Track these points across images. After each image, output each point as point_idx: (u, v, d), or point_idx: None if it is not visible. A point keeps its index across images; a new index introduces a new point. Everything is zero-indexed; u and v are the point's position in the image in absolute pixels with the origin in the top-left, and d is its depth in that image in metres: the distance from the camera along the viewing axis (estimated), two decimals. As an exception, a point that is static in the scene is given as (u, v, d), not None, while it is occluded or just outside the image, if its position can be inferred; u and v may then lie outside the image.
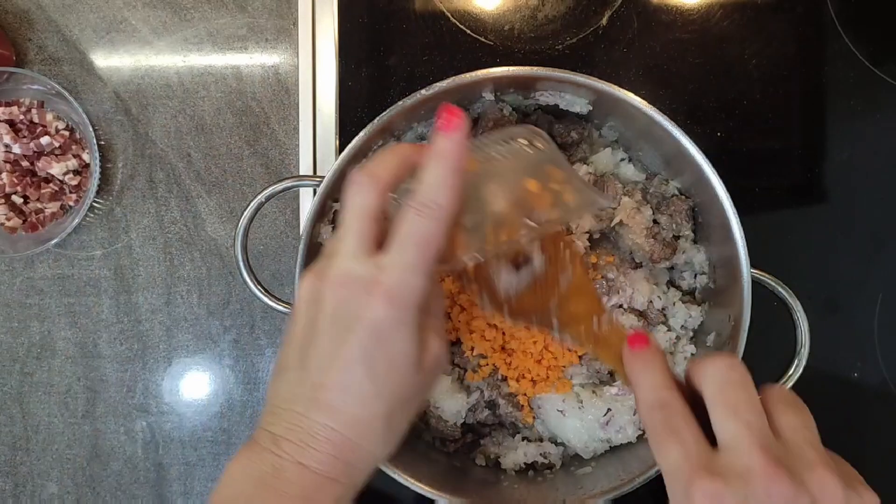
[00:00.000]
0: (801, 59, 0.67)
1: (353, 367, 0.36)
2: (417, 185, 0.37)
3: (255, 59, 0.67)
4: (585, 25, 0.67)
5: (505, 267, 0.45)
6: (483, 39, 0.66)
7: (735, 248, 0.51)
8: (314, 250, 0.54)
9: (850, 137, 0.66)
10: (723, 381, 0.34)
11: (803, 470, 0.31)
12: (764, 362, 0.52)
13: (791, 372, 0.53)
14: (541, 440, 0.59)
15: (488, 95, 0.56)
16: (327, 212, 0.54)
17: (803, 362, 0.53)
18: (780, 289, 0.53)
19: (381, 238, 0.38)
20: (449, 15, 0.67)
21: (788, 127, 0.67)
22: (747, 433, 0.31)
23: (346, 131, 0.65)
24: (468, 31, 0.66)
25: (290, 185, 0.53)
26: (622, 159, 0.60)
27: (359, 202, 0.38)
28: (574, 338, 0.44)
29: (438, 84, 0.51)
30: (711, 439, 0.33)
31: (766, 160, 0.66)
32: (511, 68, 0.52)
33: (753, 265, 0.51)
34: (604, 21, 0.66)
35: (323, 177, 0.52)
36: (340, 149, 0.65)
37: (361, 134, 0.52)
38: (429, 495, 0.52)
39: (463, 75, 0.51)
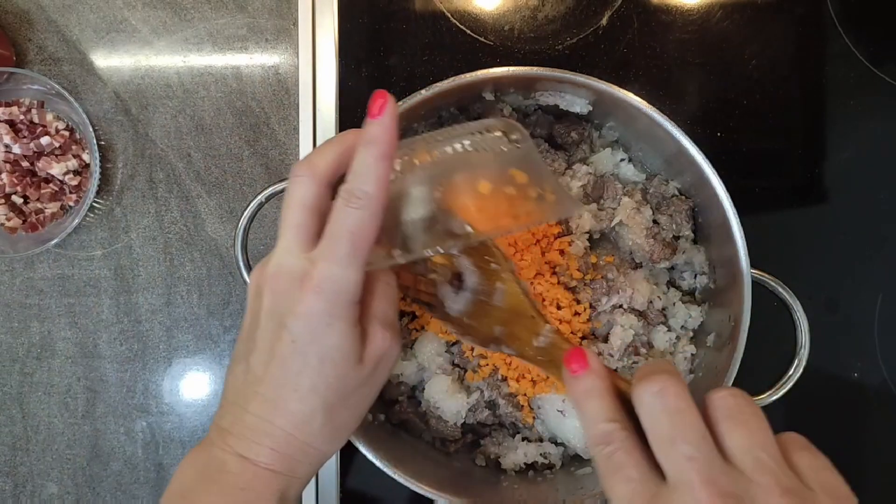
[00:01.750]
0: (802, 59, 0.67)
1: (286, 361, 0.37)
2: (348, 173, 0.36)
3: (255, 59, 0.67)
4: (585, 26, 0.67)
5: (448, 289, 0.44)
6: (483, 39, 0.66)
7: (735, 248, 0.51)
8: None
9: (850, 137, 0.66)
10: (656, 410, 0.31)
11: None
12: (764, 362, 0.52)
13: (791, 372, 0.53)
14: (541, 440, 0.59)
15: (488, 96, 0.56)
16: None
17: (803, 362, 0.53)
18: (780, 289, 0.53)
19: (322, 229, 0.37)
20: (449, 15, 0.67)
21: (788, 127, 0.67)
22: (689, 467, 0.29)
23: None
24: (468, 31, 0.66)
25: (290, 185, 0.53)
26: (622, 159, 0.60)
27: (296, 195, 0.37)
28: (521, 357, 0.43)
29: (438, 84, 0.51)
30: None
31: (766, 160, 0.67)
32: (511, 68, 0.52)
33: (753, 265, 0.51)
34: (604, 21, 0.66)
35: (323, 177, 0.52)
36: (340, 149, 0.65)
37: None
38: (429, 495, 0.52)
39: (463, 75, 0.51)
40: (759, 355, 0.52)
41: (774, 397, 0.53)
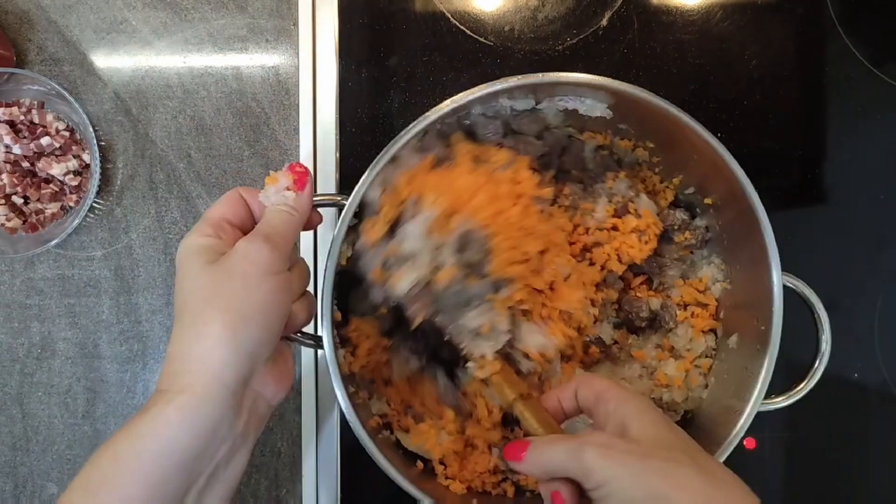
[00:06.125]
0: (802, 59, 0.67)
1: None
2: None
3: (256, 60, 0.67)
4: (585, 26, 0.67)
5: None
6: (483, 40, 0.66)
7: (764, 254, 0.52)
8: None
9: (850, 138, 0.66)
10: None
11: None
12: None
13: (812, 372, 0.53)
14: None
15: (504, 101, 0.54)
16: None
17: (824, 362, 0.53)
18: (803, 289, 0.53)
19: None
20: (449, 15, 0.67)
21: (788, 127, 0.67)
22: None
23: (346, 132, 0.65)
24: (468, 32, 0.66)
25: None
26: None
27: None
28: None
29: (443, 105, 0.50)
30: None
31: (766, 160, 0.66)
32: (520, 78, 0.50)
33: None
34: (604, 22, 0.66)
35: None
36: (341, 149, 0.65)
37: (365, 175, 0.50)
38: (431, 498, 0.52)
39: (472, 90, 0.50)
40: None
41: (795, 398, 0.53)
